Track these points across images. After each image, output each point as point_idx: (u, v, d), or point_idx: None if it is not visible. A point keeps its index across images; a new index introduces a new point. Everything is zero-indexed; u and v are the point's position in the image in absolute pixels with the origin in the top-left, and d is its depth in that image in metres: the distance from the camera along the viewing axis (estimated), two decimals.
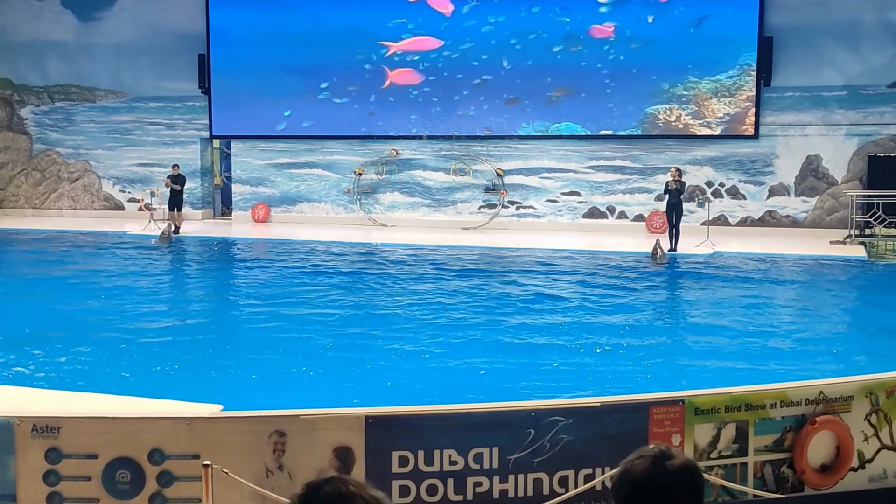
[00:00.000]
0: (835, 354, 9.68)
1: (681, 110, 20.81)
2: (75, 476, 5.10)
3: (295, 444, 5.12)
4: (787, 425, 5.62)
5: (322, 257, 17.40)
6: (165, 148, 24.44)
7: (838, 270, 15.78)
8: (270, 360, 9.43)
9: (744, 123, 20.51)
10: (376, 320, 11.37)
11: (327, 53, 22.86)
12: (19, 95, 25.75)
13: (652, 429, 5.36)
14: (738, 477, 5.50)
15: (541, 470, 5.25)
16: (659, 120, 21.00)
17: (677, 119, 20.89)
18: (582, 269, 15.82)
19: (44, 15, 25.04)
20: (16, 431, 5.09)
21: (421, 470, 5.18)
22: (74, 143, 25.34)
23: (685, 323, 11.53)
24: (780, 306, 12.55)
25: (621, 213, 21.48)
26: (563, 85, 21.42)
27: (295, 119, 23.36)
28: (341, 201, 23.32)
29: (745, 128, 20.51)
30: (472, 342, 10.07)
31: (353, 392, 8.10)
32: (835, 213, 20.09)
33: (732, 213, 20.77)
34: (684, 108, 20.79)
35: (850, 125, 19.98)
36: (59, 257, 17.63)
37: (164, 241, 19.34)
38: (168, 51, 24.02)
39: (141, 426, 5.23)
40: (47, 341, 10.04)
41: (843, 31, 19.74)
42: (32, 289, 13.85)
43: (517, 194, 22.12)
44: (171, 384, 8.31)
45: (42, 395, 7.55)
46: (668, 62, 20.71)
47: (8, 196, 25.98)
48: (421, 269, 15.87)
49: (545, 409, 5.33)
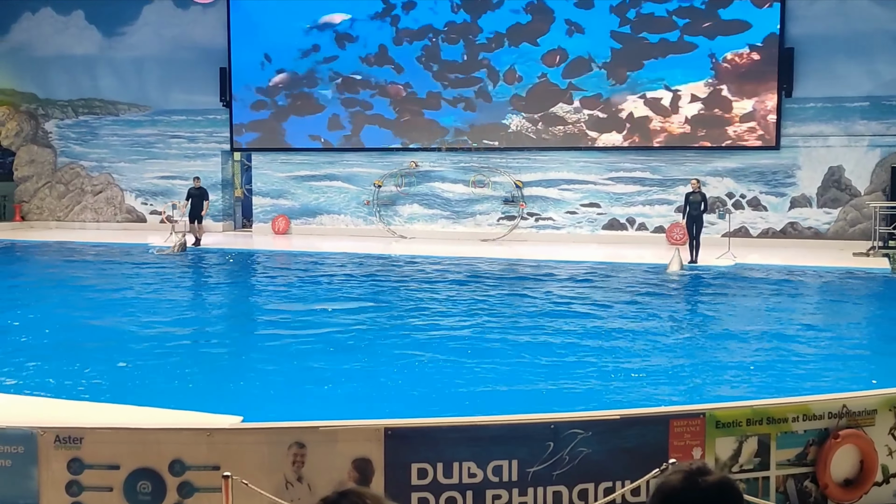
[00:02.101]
0: (858, 368, 9.57)
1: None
2: (97, 486, 5.14)
3: (314, 456, 5.13)
4: (810, 439, 5.56)
5: (342, 269, 17.45)
6: (187, 161, 24.66)
7: (861, 282, 15.63)
8: (290, 371, 9.45)
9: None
10: (395, 332, 11.37)
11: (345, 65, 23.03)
12: (44, 109, 26.09)
13: (672, 442, 5.32)
14: (759, 491, 5.45)
15: (560, 483, 5.22)
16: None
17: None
18: (601, 280, 15.76)
19: (68, 30, 25.38)
20: (39, 442, 5.14)
21: (440, 482, 5.17)
22: (98, 157, 25.62)
23: (706, 335, 11.44)
24: (801, 319, 12.43)
25: (641, 225, 21.41)
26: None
27: (316, 132, 23.49)
28: (361, 213, 23.39)
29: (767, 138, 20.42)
30: (491, 354, 10.05)
31: (372, 404, 8.10)
32: (858, 224, 19.92)
33: (754, 225, 20.64)
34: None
35: (873, 136, 19.82)
36: (81, 269, 17.78)
37: (177, 252, 19.31)
38: (190, 64, 24.27)
39: (162, 437, 5.26)
40: (69, 353, 10.12)
41: (865, 41, 19.62)
42: (55, 300, 13.98)
43: (536, 206, 22.10)
44: (191, 395, 8.34)
45: (65, 406, 7.60)
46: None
47: (32, 208, 26.28)
48: (440, 280, 15.87)
49: (564, 422, 5.31)
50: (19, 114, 26.24)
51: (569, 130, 21.68)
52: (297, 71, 23.46)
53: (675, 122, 20.96)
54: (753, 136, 20.52)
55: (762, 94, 20.33)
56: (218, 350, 10.76)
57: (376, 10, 22.80)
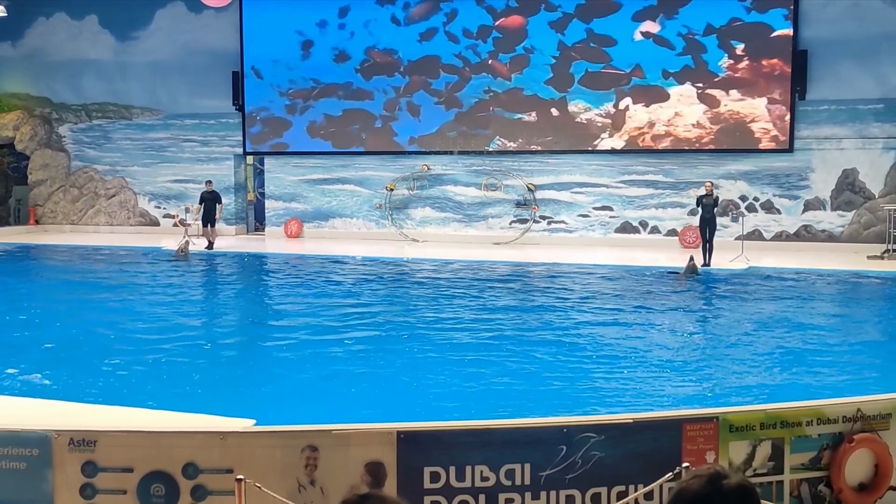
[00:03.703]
0: (873, 371, 9.52)
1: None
2: (111, 489, 5.16)
3: (327, 460, 5.14)
4: (825, 443, 5.53)
5: (354, 272, 17.47)
6: (200, 164, 24.75)
7: (876, 286, 15.54)
8: (302, 375, 9.48)
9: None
10: (408, 335, 11.38)
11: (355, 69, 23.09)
12: (58, 114, 26.25)
13: (685, 446, 5.30)
14: (774, 496, 5.42)
15: (573, 487, 5.21)
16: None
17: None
18: (614, 284, 15.73)
19: (82, 35, 25.54)
20: (53, 445, 5.17)
21: (452, 486, 5.16)
22: (111, 160, 25.75)
23: (719, 338, 11.40)
24: (815, 322, 12.37)
25: (654, 228, 21.35)
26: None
27: (329, 135, 23.56)
28: (373, 217, 23.43)
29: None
30: (504, 357, 10.04)
31: (385, 407, 8.11)
32: (872, 227, 19.80)
33: (767, 228, 20.55)
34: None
35: (888, 138, 19.71)
36: (95, 273, 17.88)
37: (180, 256, 19.29)
38: (202, 69, 24.37)
39: (175, 440, 5.28)
40: (83, 355, 10.17)
41: (879, 43, 19.51)
42: (68, 303, 14.05)
43: (549, 209, 22.07)
44: (204, 399, 8.38)
45: (79, 409, 7.65)
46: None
47: (47, 212, 26.44)
48: (452, 284, 15.87)
49: (577, 426, 5.30)
50: (33, 118, 26.41)
51: (578, 133, 21.63)
52: (308, 74, 23.50)
53: (687, 124, 20.89)
54: (767, 138, 20.45)
55: (776, 97, 20.25)
56: (230, 353, 10.80)
57: (392, 13, 22.82)
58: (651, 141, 21.20)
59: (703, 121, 20.80)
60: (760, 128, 20.46)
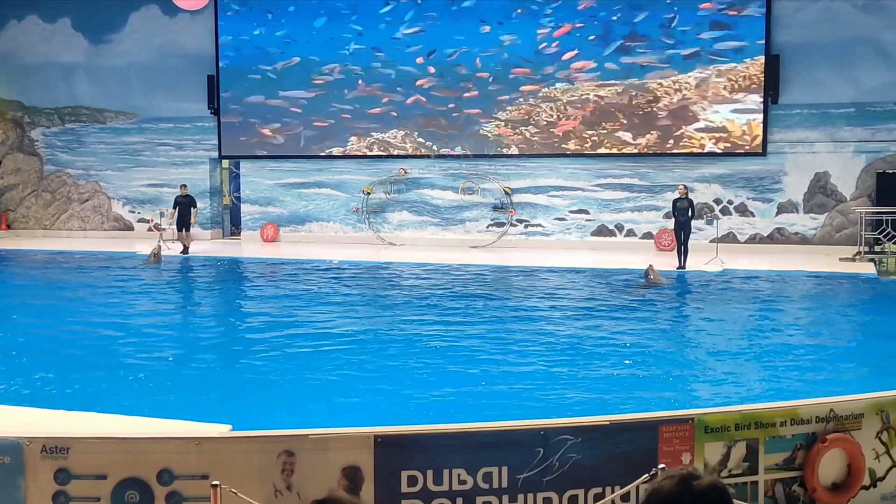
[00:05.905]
0: (845, 372, 9.62)
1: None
2: (84, 497, 5.10)
3: (304, 464, 5.12)
4: (798, 443, 5.58)
5: (330, 276, 17.42)
6: (175, 168, 24.59)
7: (848, 287, 15.72)
8: (279, 379, 9.43)
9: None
10: (385, 339, 11.36)
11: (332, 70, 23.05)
12: (30, 117, 25.98)
13: (661, 447, 5.33)
14: (748, 496, 5.46)
15: (550, 489, 5.22)
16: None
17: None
18: (590, 287, 15.80)
19: (55, 37, 25.29)
20: (25, 452, 5.10)
21: (430, 489, 5.16)
22: (84, 165, 25.52)
23: (694, 340, 11.48)
24: (789, 323, 12.49)
25: (630, 231, 21.47)
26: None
27: (304, 138, 23.48)
28: (350, 220, 23.38)
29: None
30: (480, 361, 10.05)
31: (362, 411, 8.09)
32: (844, 230, 20.04)
33: (741, 231, 20.74)
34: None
35: (859, 142, 19.96)
36: (67, 278, 17.70)
37: (152, 262, 19.03)
38: (177, 72, 24.22)
39: (150, 446, 5.23)
40: (56, 362, 10.06)
41: (851, 47, 19.76)
42: (40, 308, 13.90)
43: (525, 212, 22.14)
44: (179, 404, 8.31)
45: (51, 416, 7.55)
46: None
47: (19, 217, 26.14)
48: (429, 287, 15.87)
49: (554, 428, 5.31)
50: (5, 122, 26.12)
51: (553, 137, 21.72)
52: (286, 77, 23.43)
53: (660, 128, 21.03)
54: (740, 142, 20.63)
55: (748, 101, 20.44)
56: (205, 358, 10.72)
57: (376, 13, 22.80)
58: (630, 143, 21.32)
59: (677, 124, 20.94)
60: (734, 132, 20.62)
